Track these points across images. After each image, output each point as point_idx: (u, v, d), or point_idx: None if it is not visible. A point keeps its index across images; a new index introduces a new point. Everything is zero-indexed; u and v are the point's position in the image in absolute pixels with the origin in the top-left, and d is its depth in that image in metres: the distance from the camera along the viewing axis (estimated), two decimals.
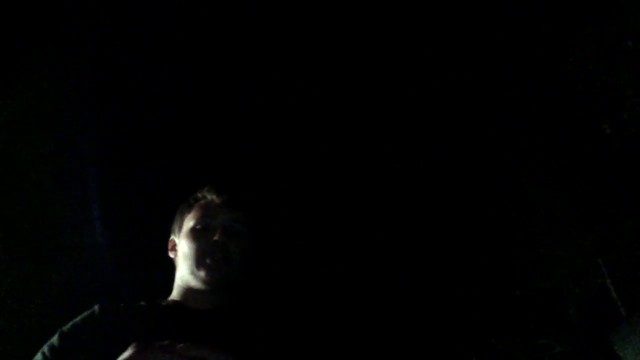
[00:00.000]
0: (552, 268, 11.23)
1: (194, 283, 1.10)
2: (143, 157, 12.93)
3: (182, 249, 1.14)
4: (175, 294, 1.14)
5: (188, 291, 1.11)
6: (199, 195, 1.21)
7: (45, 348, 0.98)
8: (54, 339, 0.99)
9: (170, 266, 1.22)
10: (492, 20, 12.84)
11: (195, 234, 1.13)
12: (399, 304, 13.31)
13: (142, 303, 1.09)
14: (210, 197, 1.18)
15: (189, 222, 1.16)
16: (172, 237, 1.22)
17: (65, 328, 1.01)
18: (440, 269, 13.13)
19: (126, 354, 0.74)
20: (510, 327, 11.18)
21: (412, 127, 15.23)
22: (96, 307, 1.05)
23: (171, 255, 1.21)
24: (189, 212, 1.19)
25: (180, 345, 0.73)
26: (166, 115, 14.30)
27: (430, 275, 13.13)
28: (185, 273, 1.12)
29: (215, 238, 1.11)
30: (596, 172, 10.99)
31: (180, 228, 1.19)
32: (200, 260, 1.10)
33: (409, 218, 14.32)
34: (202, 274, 1.09)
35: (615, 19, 9.38)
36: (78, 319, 1.04)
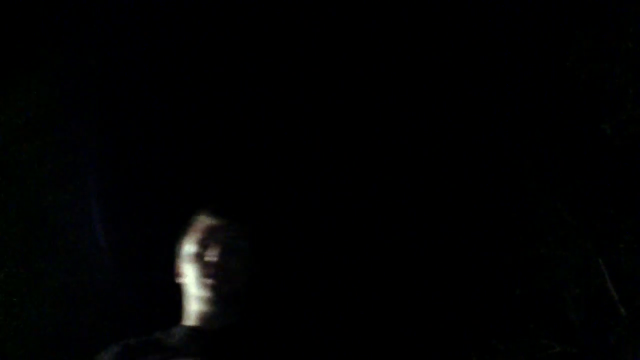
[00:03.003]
0: (552, 268, 11.22)
1: (201, 305, 1.14)
2: (143, 157, 12.94)
3: (185, 273, 1.18)
4: (187, 318, 1.18)
5: (198, 314, 1.15)
6: (196, 219, 1.24)
7: None
8: None
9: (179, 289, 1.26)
10: (491, 19, 12.85)
11: (195, 257, 1.17)
12: (398, 304, 13.33)
13: (157, 333, 1.14)
14: (207, 219, 1.22)
15: (189, 247, 1.20)
16: (178, 262, 1.25)
17: None
18: (440, 269, 13.13)
19: None
20: (510, 327, 11.17)
21: (412, 127, 15.24)
22: (114, 346, 1.10)
23: (178, 280, 1.24)
24: (188, 237, 1.22)
25: None
26: (166, 116, 14.32)
27: (430, 274, 13.13)
28: (191, 296, 1.16)
29: (215, 259, 1.14)
30: (596, 172, 10.98)
31: (182, 253, 1.23)
32: (201, 282, 1.13)
33: (409, 218, 14.33)
34: (205, 295, 1.12)
35: (615, 19, 9.39)
36: (100, 357, 1.09)
